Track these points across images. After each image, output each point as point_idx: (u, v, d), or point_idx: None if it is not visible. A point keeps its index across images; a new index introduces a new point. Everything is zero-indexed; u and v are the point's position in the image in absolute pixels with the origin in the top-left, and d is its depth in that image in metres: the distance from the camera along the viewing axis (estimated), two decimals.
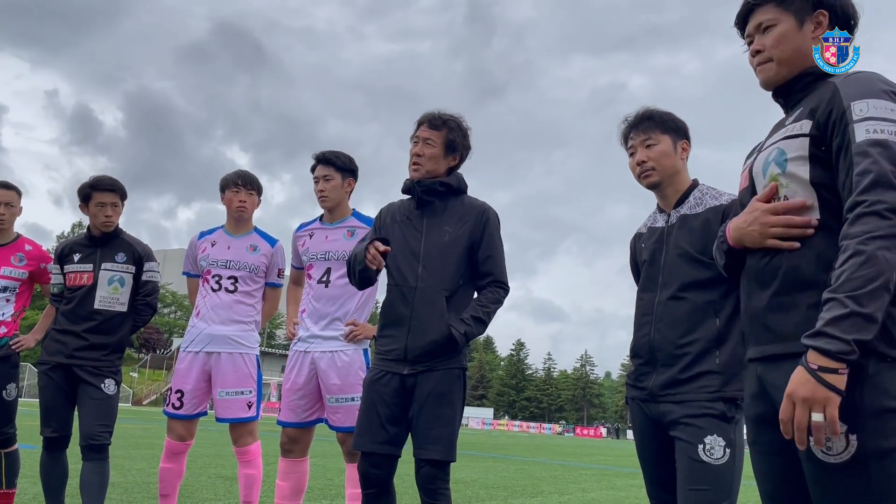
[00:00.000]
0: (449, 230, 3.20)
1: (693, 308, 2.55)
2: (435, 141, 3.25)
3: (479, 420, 77.12)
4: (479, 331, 3.14)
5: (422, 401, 3.07)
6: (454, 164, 3.34)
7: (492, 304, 3.19)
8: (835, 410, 1.59)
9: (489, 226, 3.23)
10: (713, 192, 2.70)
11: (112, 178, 4.41)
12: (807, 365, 1.62)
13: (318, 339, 4.01)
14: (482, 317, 3.14)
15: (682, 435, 2.47)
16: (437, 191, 3.25)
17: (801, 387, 1.61)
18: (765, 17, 1.97)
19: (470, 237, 3.19)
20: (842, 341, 1.58)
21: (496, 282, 3.22)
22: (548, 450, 24.86)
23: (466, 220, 3.22)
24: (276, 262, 4.50)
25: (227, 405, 4.28)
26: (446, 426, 3.04)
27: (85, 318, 4.24)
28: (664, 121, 2.75)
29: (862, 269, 1.59)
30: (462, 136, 3.31)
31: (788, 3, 1.94)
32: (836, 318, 1.59)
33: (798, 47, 1.94)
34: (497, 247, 3.25)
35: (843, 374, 1.59)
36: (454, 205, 3.27)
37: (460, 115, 3.37)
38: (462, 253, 3.18)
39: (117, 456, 8.78)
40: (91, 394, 4.17)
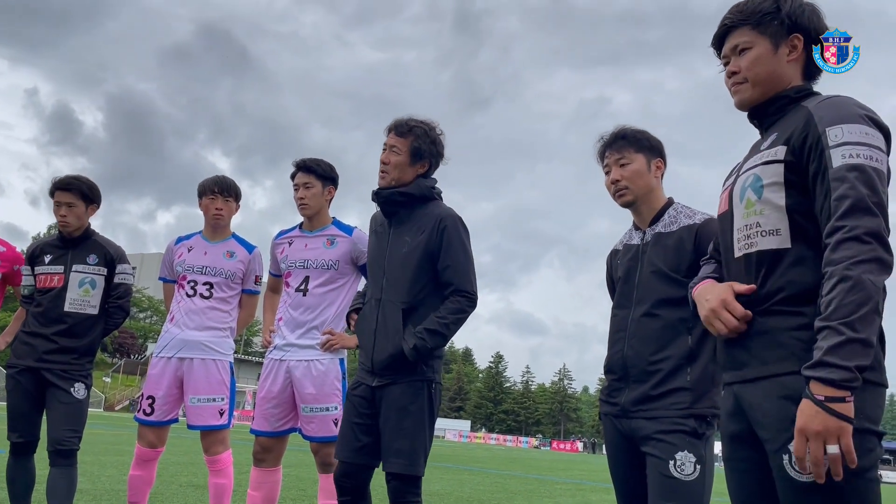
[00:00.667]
0: (408, 240, 3.16)
1: (666, 325, 2.58)
2: (401, 148, 3.21)
3: (455, 432, 76.82)
4: (436, 343, 3.05)
5: (385, 414, 3.06)
6: (423, 172, 3.27)
7: (451, 315, 3.09)
8: (850, 440, 1.58)
9: (447, 233, 3.13)
10: (687, 210, 2.74)
11: (73, 178, 4.30)
12: (813, 397, 1.60)
13: (295, 347, 3.98)
14: (438, 329, 3.05)
15: (654, 451, 2.49)
16: (397, 200, 3.20)
17: (812, 420, 1.59)
18: (741, 40, 2.00)
19: (427, 247, 3.13)
20: (844, 369, 1.57)
21: (458, 291, 3.13)
22: (524, 463, 24.82)
23: (424, 228, 3.16)
24: (253, 269, 4.46)
25: (198, 412, 4.22)
26: (408, 439, 3.01)
27: (55, 321, 4.16)
28: (638, 140, 2.78)
29: (851, 294, 1.60)
30: (429, 142, 3.23)
31: (764, 26, 1.96)
32: (835, 346, 1.59)
33: (772, 70, 1.97)
34: (457, 255, 3.14)
35: (850, 401, 1.58)
36: (419, 214, 3.21)
37: (431, 121, 3.30)
38: (419, 263, 3.12)
39: (86, 462, 8.63)
40: (60, 398, 4.09)
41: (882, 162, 1.73)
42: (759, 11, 1.97)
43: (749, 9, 1.99)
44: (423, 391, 3.09)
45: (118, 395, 67.68)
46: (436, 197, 3.30)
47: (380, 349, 3.09)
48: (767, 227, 1.83)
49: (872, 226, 1.64)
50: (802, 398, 1.62)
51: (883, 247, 1.64)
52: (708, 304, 1.92)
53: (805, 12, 1.96)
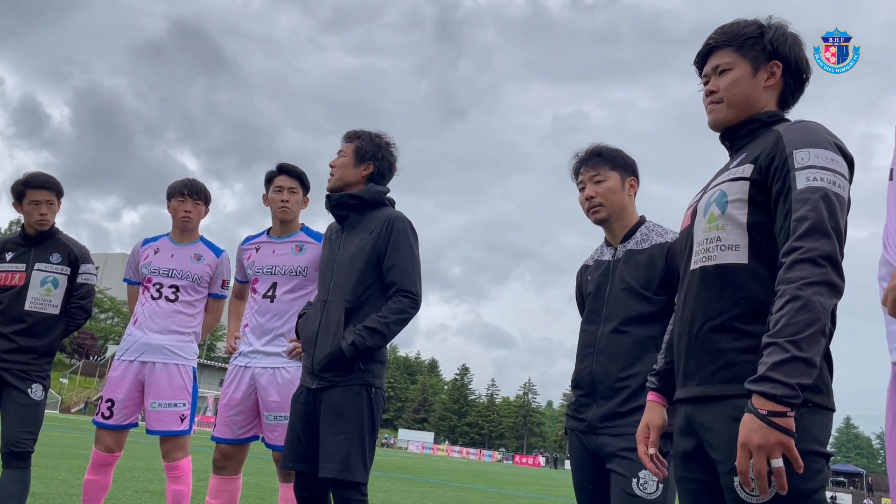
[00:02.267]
0: (357, 242, 3.21)
1: (635, 342, 2.61)
2: (346, 151, 3.36)
3: (418, 444, 76.48)
4: (375, 342, 3.05)
5: (323, 417, 3.05)
6: (368, 174, 3.33)
7: (392, 315, 3.10)
8: (794, 450, 1.61)
9: (395, 234, 3.18)
10: (659, 229, 2.78)
11: (47, 175, 4.26)
12: (755, 411, 1.63)
13: (260, 354, 3.94)
14: (378, 327, 3.05)
15: (618, 468, 2.51)
16: (348, 204, 3.28)
17: (754, 434, 1.62)
18: (722, 60, 2.05)
19: (374, 247, 3.16)
20: (786, 385, 1.61)
21: (401, 291, 3.14)
22: (486, 477, 24.79)
23: (373, 229, 3.21)
24: (220, 273, 4.41)
25: (158, 417, 4.15)
26: (343, 444, 2.99)
27: (14, 320, 4.07)
28: (613, 157, 2.82)
29: (800, 314, 1.64)
30: (374, 145, 3.34)
31: (746, 49, 2.02)
32: (779, 363, 1.62)
33: (749, 94, 2.02)
34: (403, 255, 3.17)
35: (791, 416, 1.62)
36: (369, 217, 3.28)
37: (383, 133, 3.42)
38: (366, 264, 3.15)
39: (39, 465, 8.41)
40: (17, 398, 3.99)
41: (844, 189, 1.78)
42: (742, 35, 2.03)
43: (734, 31, 2.05)
44: (361, 395, 3.06)
45: (75, 397, 66.19)
46: (387, 203, 3.36)
47: (320, 349, 3.10)
48: (728, 242, 1.87)
49: (827, 249, 1.68)
50: (745, 412, 1.66)
51: (835, 271, 1.69)
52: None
53: (787, 41, 2.01)
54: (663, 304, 2.62)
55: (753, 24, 2.04)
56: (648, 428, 2.16)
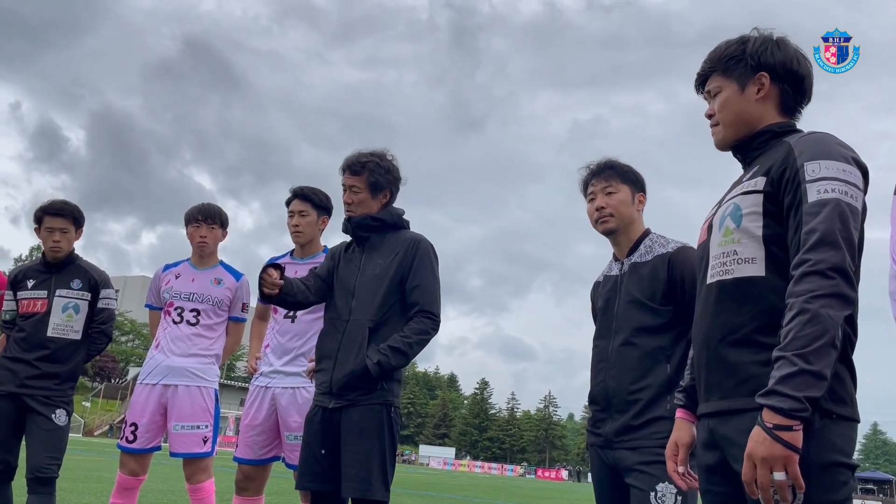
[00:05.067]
0: (380, 263, 3.24)
1: (644, 354, 2.62)
2: (359, 186, 3.31)
3: (440, 460, 76.14)
4: (398, 361, 3.09)
5: (344, 437, 3.06)
6: (386, 201, 3.37)
7: (414, 335, 3.14)
8: (796, 468, 1.61)
9: (418, 255, 3.24)
10: (662, 240, 2.81)
11: (64, 203, 4.32)
12: (763, 423, 1.64)
13: (280, 374, 3.96)
14: (401, 347, 3.09)
15: (636, 482, 2.52)
16: (370, 226, 3.30)
17: (759, 446, 1.63)
18: (712, 86, 2.09)
19: (399, 268, 3.21)
20: (793, 399, 1.60)
21: (422, 312, 3.19)
22: (509, 492, 24.62)
23: (397, 251, 3.25)
24: (240, 297, 4.45)
25: (181, 439, 4.18)
26: (365, 463, 3.01)
27: (37, 346, 4.12)
28: (624, 172, 2.88)
29: (807, 327, 1.63)
30: (384, 172, 3.33)
31: (731, 70, 2.05)
32: (787, 377, 1.62)
33: (740, 111, 2.03)
34: (426, 277, 3.23)
35: (798, 430, 1.62)
36: (390, 239, 3.31)
37: (381, 150, 3.40)
38: (390, 284, 3.19)
39: (64, 489, 8.46)
40: (41, 424, 4.04)
41: (857, 199, 1.77)
42: (725, 56, 2.06)
43: (717, 55, 2.09)
44: (382, 414, 3.09)
45: (98, 420, 66.63)
46: (406, 225, 3.41)
47: (340, 368, 3.11)
48: (744, 256, 1.87)
49: (836, 260, 1.67)
50: (755, 424, 1.66)
51: (846, 282, 1.67)
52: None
53: (768, 49, 2.02)
54: (670, 315, 2.63)
55: (735, 42, 2.07)
56: (677, 445, 2.15)
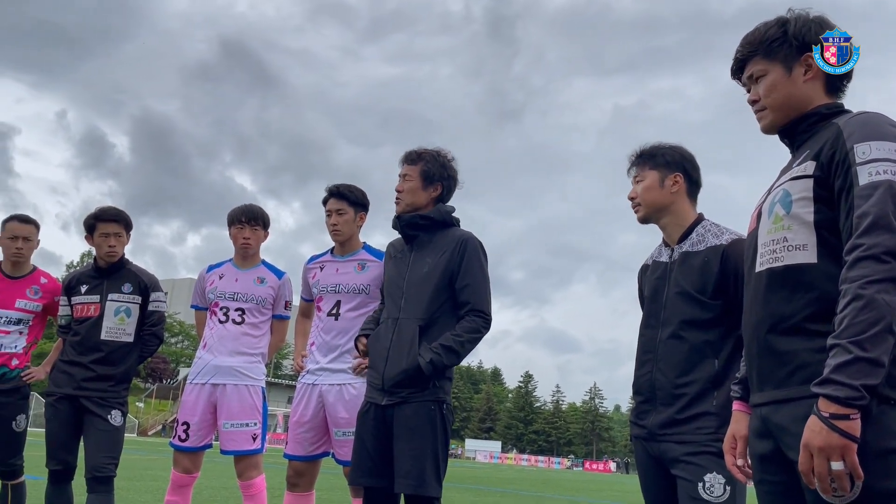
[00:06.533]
0: (429, 261, 3.25)
1: (692, 348, 2.56)
2: (412, 175, 3.34)
3: (486, 453, 76.22)
4: (451, 360, 3.11)
5: (397, 434, 3.09)
6: (437, 195, 3.38)
7: (466, 334, 3.16)
8: (854, 457, 1.58)
9: (467, 254, 3.24)
10: (716, 229, 2.71)
11: (116, 209, 4.45)
12: (819, 413, 1.61)
13: (327, 371, 4.01)
14: (453, 346, 3.11)
15: (683, 473, 2.48)
16: (419, 224, 3.31)
17: (816, 436, 1.60)
18: (754, 69, 2.03)
19: (448, 266, 3.22)
20: (850, 387, 1.57)
21: (473, 311, 3.21)
22: (557, 484, 24.53)
23: (446, 249, 3.26)
24: (282, 295, 4.52)
25: (231, 437, 4.26)
26: (417, 460, 3.03)
27: (92, 349, 4.25)
28: (653, 156, 2.81)
29: (863, 313, 1.59)
30: (439, 165, 3.36)
31: (774, 52, 1.99)
32: (842, 364, 1.59)
33: (789, 94, 1.98)
34: (476, 276, 3.24)
35: (856, 419, 1.58)
36: (440, 237, 3.32)
37: (442, 148, 3.42)
38: (439, 283, 3.20)
39: (121, 488, 8.70)
40: (97, 425, 4.16)
41: None
42: (767, 39, 2.00)
43: (757, 38, 2.02)
44: (435, 411, 3.12)
45: (151, 420, 68.32)
46: (455, 223, 3.40)
47: (392, 365, 3.13)
48: (795, 243, 1.82)
49: (891, 244, 1.62)
50: (811, 413, 1.63)
51: None
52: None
53: (811, 29, 1.96)
54: (720, 309, 2.56)
55: (774, 24, 2.01)
56: (735, 438, 2.11)
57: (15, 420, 4.43)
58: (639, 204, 2.80)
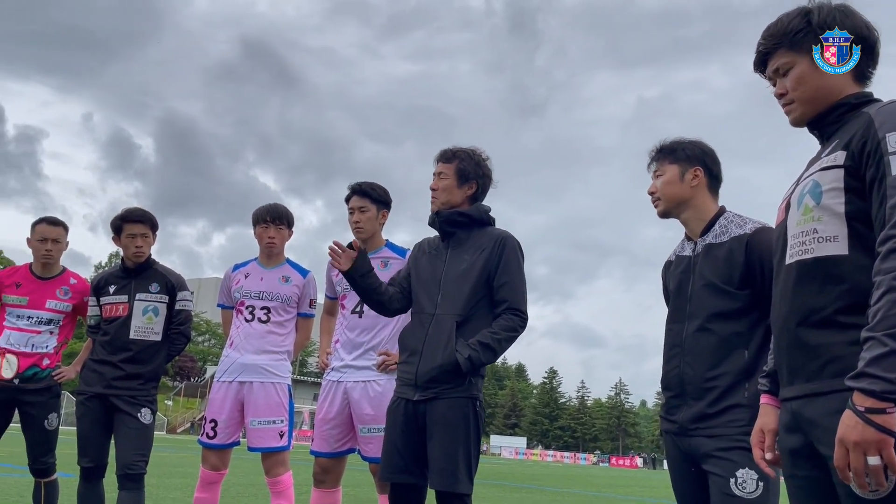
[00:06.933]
0: (467, 258, 3.25)
1: (721, 340, 2.53)
2: (447, 173, 3.34)
3: (511, 449, 76.18)
4: (488, 358, 3.11)
5: (430, 430, 3.09)
6: (472, 193, 3.38)
7: (503, 332, 3.16)
8: (891, 451, 1.55)
9: (506, 252, 3.24)
10: (738, 219, 2.68)
11: (142, 210, 4.51)
12: (854, 407, 1.58)
13: (351, 368, 4.03)
14: (491, 343, 3.11)
15: (715, 469, 2.45)
16: (457, 221, 3.31)
17: (852, 431, 1.57)
18: (780, 62, 1.98)
19: (486, 264, 3.22)
20: (885, 381, 1.54)
21: (511, 309, 3.21)
22: (583, 480, 24.44)
23: (484, 247, 3.26)
24: (307, 293, 4.54)
25: (259, 434, 4.30)
26: (451, 456, 3.03)
27: (121, 349, 4.31)
28: (673, 150, 2.80)
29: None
30: (474, 164, 3.36)
31: (800, 43, 1.94)
32: (877, 358, 1.56)
33: (818, 86, 1.94)
34: (514, 274, 3.24)
35: (892, 412, 1.55)
36: (477, 235, 3.32)
37: (475, 147, 3.43)
38: (477, 280, 3.20)
39: (151, 485, 8.82)
40: (128, 423, 4.22)
41: None
42: (790, 31, 1.95)
43: (780, 30, 1.98)
44: (468, 408, 3.11)
45: (180, 418, 69.22)
46: (492, 222, 3.41)
47: (427, 360, 3.13)
48: (825, 234, 1.79)
49: None
50: (846, 408, 1.60)
51: None
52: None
53: (836, 18, 1.92)
54: (748, 300, 2.53)
55: (797, 15, 1.96)
56: (763, 432, 2.07)
57: (47, 419, 4.51)
58: (658, 198, 2.79)
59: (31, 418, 4.48)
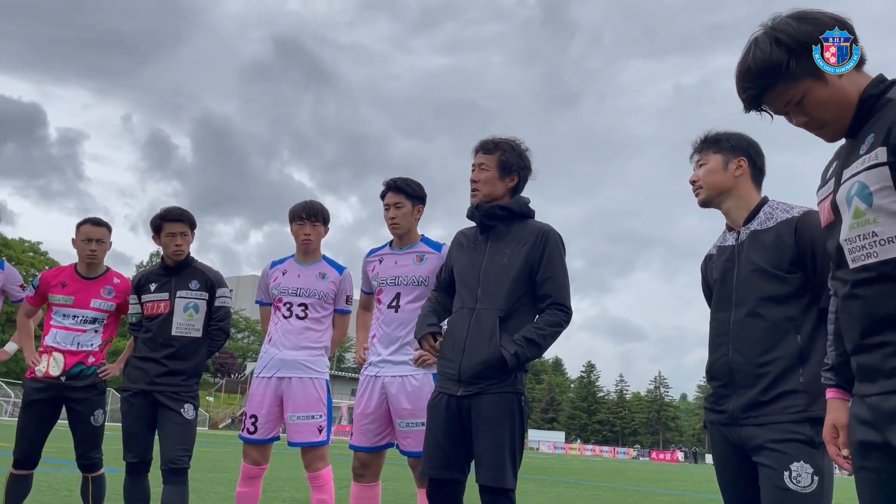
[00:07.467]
0: (508, 252, 3.22)
1: (771, 325, 2.48)
2: (489, 164, 3.30)
3: (550, 444, 75.89)
4: (533, 353, 3.09)
5: (476, 426, 3.08)
6: (513, 185, 3.35)
7: (548, 327, 3.14)
8: None
9: (548, 247, 3.21)
10: (784, 206, 2.65)
11: (181, 209, 4.58)
12: None
13: (388, 363, 4.04)
14: (536, 339, 3.09)
15: (767, 461, 2.38)
16: (497, 214, 3.28)
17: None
18: (788, 96, 1.86)
19: (528, 259, 3.19)
20: None
21: (555, 304, 3.18)
22: (623, 475, 24.24)
23: (526, 241, 3.22)
24: (343, 290, 4.57)
25: (298, 429, 4.34)
26: (497, 452, 3.02)
27: (163, 345, 4.38)
28: (718, 140, 2.77)
29: None
30: (517, 156, 3.33)
31: (796, 72, 1.82)
32: None
33: (838, 98, 1.84)
34: (557, 269, 3.21)
35: None
36: (517, 228, 3.29)
37: (515, 137, 3.39)
38: (519, 275, 3.17)
39: (195, 479, 8.98)
40: (171, 418, 4.30)
41: None
42: (779, 65, 1.83)
43: (766, 69, 1.84)
44: (513, 403, 3.10)
45: (221, 414, 70.38)
46: (532, 215, 3.37)
47: (470, 356, 3.11)
48: (885, 236, 1.71)
49: None
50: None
51: None
52: None
53: (801, 29, 1.82)
54: (798, 283, 2.48)
55: (769, 46, 1.83)
56: (836, 428, 2.00)
57: (93, 415, 4.62)
58: (700, 186, 2.77)
59: (78, 415, 4.58)
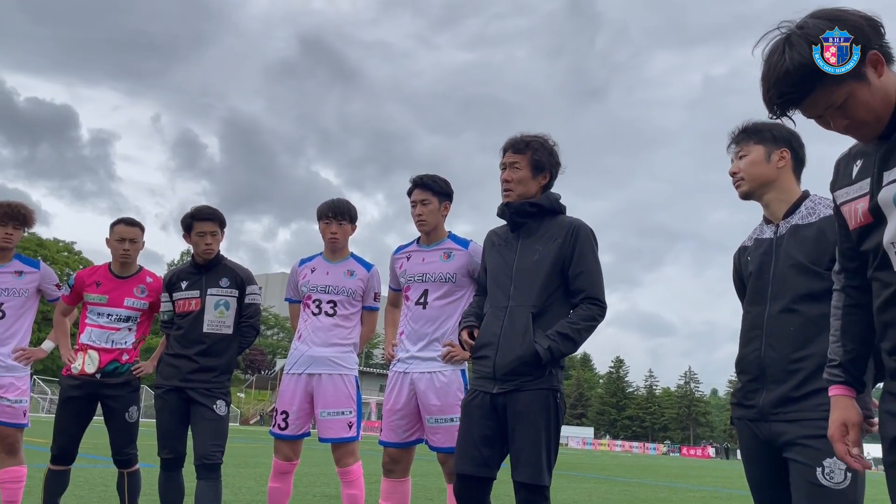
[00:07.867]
0: (539, 248, 3.22)
1: (807, 322, 2.43)
2: (521, 164, 3.30)
3: (579, 440, 75.57)
4: (567, 348, 3.08)
5: (512, 423, 3.07)
6: (545, 183, 3.35)
7: (582, 322, 3.12)
8: None
9: (579, 241, 3.20)
10: (826, 201, 2.58)
11: (211, 208, 4.64)
12: None
13: (417, 360, 4.05)
14: (570, 334, 3.08)
15: (798, 457, 2.34)
16: (528, 211, 3.27)
17: None
18: (828, 99, 1.77)
19: (559, 254, 3.18)
20: None
21: (589, 298, 3.17)
22: (653, 471, 24.05)
23: (557, 237, 3.22)
24: (372, 287, 4.60)
25: (328, 425, 4.38)
26: (533, 448, 3.02)
27: (195, 342, 4.45)
28: (759, 131, 2.71)
29: None
30: (548, 153, 3.33)
31: (847, 74, 1.74)
32: None
33: (878, 100, 1.77)
34: (590, 263, 3.19)
35: None
36: (548, 224, 3.28)
37: (544, 134, 3.38)
38: (550, 270, 3.16)
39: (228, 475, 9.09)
40: (204, 415, 4.36)
41: None
42: (809, 72, 1.74)
43: (811, 72, 1.75)
44: (550, 399, 3.09)
45: (252, 410, 71.18)
46: (562, 210, 3.36)
47: (504, 353, 3.11)
48: None
49: None
50: None
51: None
52: None
53: (824, 30, 1.75)
54: None
55: (808, 49, 1.75)
56: (846, 426, 1.98)
57: (128, 411, 4.69)
58: (742, 178, 2.70)
59: (113, 411, 4.67)
